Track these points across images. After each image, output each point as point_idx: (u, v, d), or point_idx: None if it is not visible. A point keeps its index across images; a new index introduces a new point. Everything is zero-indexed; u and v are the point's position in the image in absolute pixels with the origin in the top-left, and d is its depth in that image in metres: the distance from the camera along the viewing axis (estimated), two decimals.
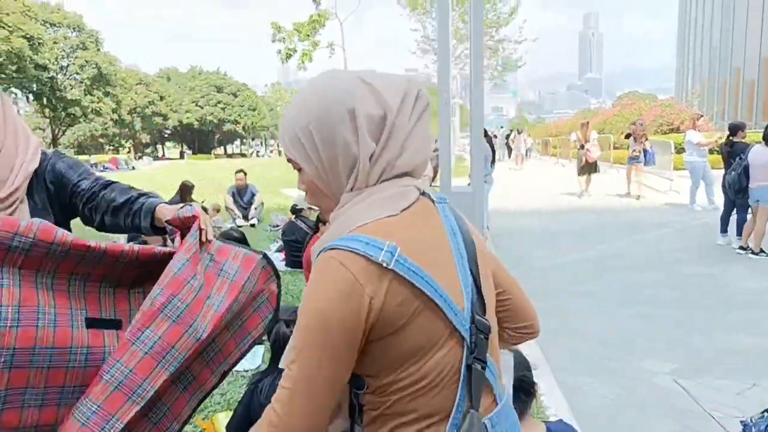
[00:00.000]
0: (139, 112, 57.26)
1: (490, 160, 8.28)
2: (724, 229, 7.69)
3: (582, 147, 13.01)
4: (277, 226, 8.51)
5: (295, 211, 6.84)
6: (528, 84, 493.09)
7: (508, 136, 33.72)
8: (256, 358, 3.84)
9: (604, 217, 10.61)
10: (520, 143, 25.69)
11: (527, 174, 21.18)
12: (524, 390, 1.95)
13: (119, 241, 1.80)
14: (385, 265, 0.90)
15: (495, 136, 32.75)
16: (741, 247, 7.22)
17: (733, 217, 7.47)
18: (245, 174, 9.95)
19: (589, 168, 13.11)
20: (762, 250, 7.00)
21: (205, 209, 9.66)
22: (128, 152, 57.27)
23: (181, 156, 71.43)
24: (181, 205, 1.64)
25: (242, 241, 5.00)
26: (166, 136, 72.82)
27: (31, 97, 39.48)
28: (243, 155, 73.89)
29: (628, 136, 12.85)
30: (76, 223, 1.75)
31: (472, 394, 0.97)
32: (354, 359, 0.94)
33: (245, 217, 9.53)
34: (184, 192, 9.49)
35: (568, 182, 14.97)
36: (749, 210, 7.21)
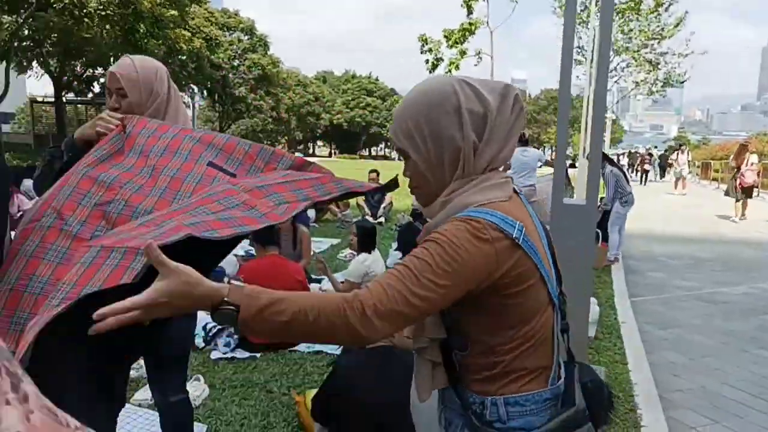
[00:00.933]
0: (295, 111, 61.21)
1: (621, 181, 7.78)
2: None
3: (738, 170, 11.92)
4: (401, 226, 8.74)
5: (414, 214, 6.99)
6: (696, 102, 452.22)
7: (662, 156, 31.17)
8: None
9: (764, 250, 9.52)
10: (683, 164, 21.48)
11: (679, 198, 19.48)
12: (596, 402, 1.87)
13: None
14: (517, 240, 1.05)
15: (650, 155, 30.37)
16: None
17: None
18: (378, 174, 10.32)
19: (743, 193, 12.06)
20: None
21: (337, 204, 10.17)
22: (282, 148, 61.50)
23: (330, 155, 75.30)
24: None
25: (373, 232, 5.18)
26: (317, 134, 77.08)
27: (205, 92, 43.95)
28: (386, 158, 76.07)
29: None
30: None
31: (561, 350, 1.18)
32: (461, 295, 1.04)
33: (374, 215, 9.89)
34: None
35: (724, 208, 13.63)
36: None
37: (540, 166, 8.08)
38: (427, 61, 25.79)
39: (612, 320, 5.30)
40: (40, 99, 35.15)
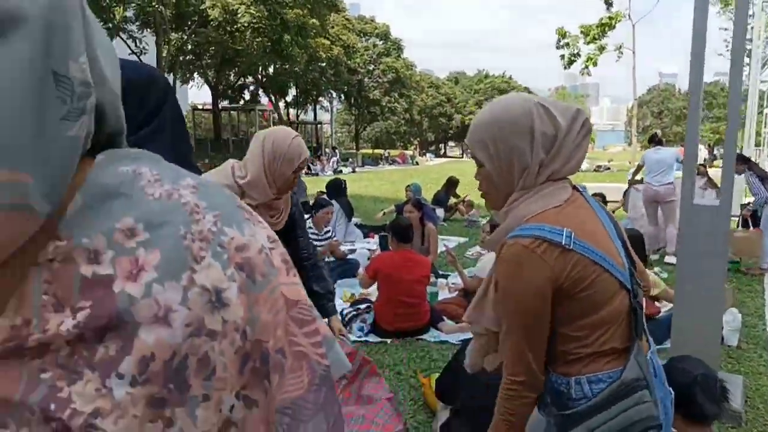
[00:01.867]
0: (427, 113, 62.03)
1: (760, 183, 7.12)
2: None
3: None
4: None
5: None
6: None
7: None
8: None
9: None
10: None
11: None
12: (707, 392, 1.92)
13: None
14: (567, 247, 1.20)
15: None
16: None
17: None
18: None
19: None
20: None
21: (464, 201, 10.32)
22: (415, 149, 62.46)
23: (462, 155, 75.18)
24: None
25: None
26: (449, 135, 77.34)
27: (342, 97, 46.08)
28: None
29: None
30: None
31: (637, 330, 1.28)
32: (549, 316, 1.26)
33: None
34: (450, 186, 10.32)
35: None
36: None
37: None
38: (562, 57, 25.01)
39: (759, 331, 4.96)
40: (200, 107, 38.95)
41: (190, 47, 29.38)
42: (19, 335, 0.45)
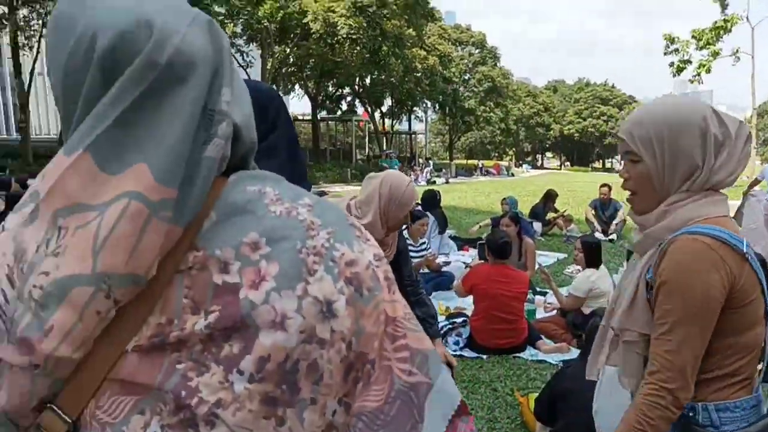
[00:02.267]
0: (524, 122, 60.73)
1: None
2: None
3: None
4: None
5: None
6: None
7: None
8: (574, 353, 4.07)
9: None
10: None
11: None
12: None
13: None
14: (746, 256, 1.18)
15: None
16: None
17: None
18: (610, 188, 9.86)
19: None
20: None
21: (563, 216, 10.00)
22: (510, 159, 61.28)
23: (560, 167, 72.83)
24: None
25: (598, 248, 5.08)
26: (546, 146, 75.27)
27: (437, 106, 46.16)
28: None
29: None
30: None
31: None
32: (714, 325, 1.19)
33: (604, 232, 9.48)
34: (548, 199, 10.06)
35: None
36: None
37: None
38: (671, 64, 23.66)
39: None
40: (300, 117, 40.49)
41: (292, 60, 30.65)
42: (163, 332, 0.53)
